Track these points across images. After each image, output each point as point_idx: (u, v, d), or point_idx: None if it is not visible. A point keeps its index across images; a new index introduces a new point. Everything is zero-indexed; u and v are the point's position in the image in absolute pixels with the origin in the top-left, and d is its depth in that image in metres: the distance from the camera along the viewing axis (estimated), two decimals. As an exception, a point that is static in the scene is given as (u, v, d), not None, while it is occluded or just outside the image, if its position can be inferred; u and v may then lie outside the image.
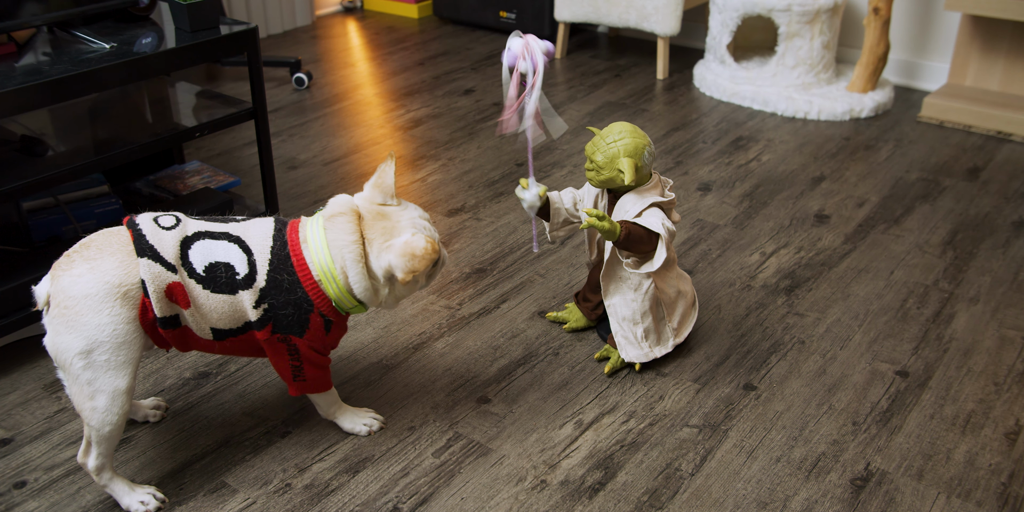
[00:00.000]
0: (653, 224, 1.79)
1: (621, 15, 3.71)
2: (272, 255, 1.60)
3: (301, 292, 1.60)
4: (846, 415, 1.90)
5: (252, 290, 1.58)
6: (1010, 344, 2.12)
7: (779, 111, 3.40)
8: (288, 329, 1.62)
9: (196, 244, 1.58)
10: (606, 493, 1.71)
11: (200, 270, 1.56)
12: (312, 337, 1.65)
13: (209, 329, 1.61)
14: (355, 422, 1.84)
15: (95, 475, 1.63)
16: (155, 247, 1.54)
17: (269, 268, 1.59)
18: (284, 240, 1.61)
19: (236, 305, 1.59)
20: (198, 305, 1.57)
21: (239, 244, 1.60)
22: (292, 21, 4.39)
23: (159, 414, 1.89)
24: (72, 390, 1.55)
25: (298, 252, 1.60)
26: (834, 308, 2.26)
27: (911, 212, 2.71)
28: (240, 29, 2.27)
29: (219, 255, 1.58)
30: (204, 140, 3.20)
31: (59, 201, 2.27)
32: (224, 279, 1.57)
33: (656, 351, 2.00)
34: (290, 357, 1.66)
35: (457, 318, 2.22)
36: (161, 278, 1.53)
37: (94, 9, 2.19)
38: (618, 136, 1.81)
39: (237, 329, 1.62)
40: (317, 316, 1.63)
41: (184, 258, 1.56)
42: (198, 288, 1.56)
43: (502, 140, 3.19)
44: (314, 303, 1.61)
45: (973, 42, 3.35)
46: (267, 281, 1.58)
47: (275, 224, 1.65)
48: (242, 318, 1.61)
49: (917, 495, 1.71)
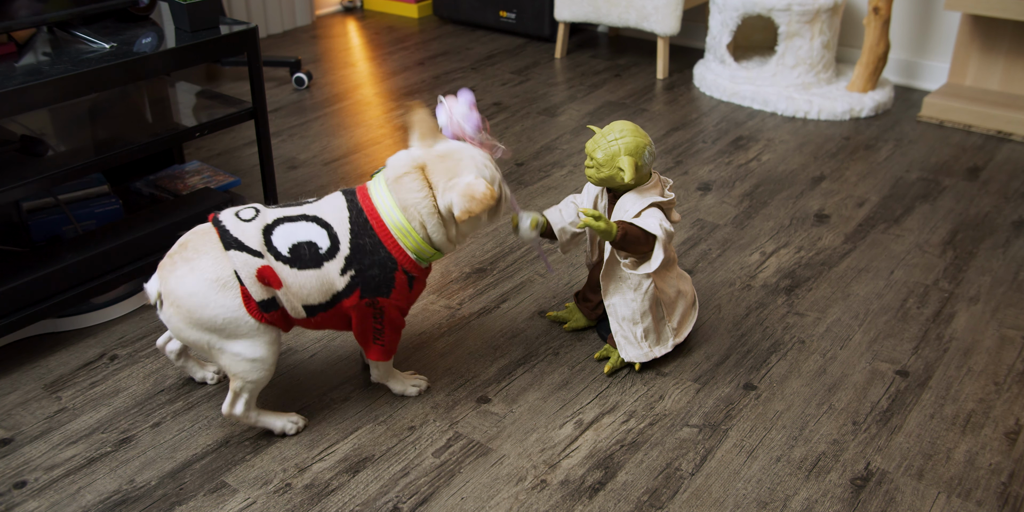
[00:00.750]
0: (650, 225, 1.79)
1: (621, 15, 3.71)
2: (351, 223, 1.71)
3: (384, 252, 1.71)
4: (846, 415, 1.90)
5: (337, 259, 1.69)
6: (1010, 344, 2.12)
7: (779, 111, 3.40)
8: (375, 291, 1.72)
9: (277, 229, 1.69)
10: (606, 493, 1.71)
11: (285, 252, 1.68)
12: (398, 295, 1.75)
13: (301, 307, 1.70)
14: (405, 385, 1.94)
15: (244, 419, 1.79)
16: (239, 238, 1.67)
17: (351, 236, 1.70)
18: (359, 208, 1.72)
19: (323, 278, 1.69)
20: (288, 284, 1.68)
21: (317, 221, 1.71)
22: (292, 21, 4.39)
23: (217, 377, 1.99)
24: (224, 362, 1.72)
25: (375, 215, 1.71)
26: (834, 308, 2.26)
27: (911, 212, 2.71)
28: (240, 29, 2.27)
29: (300, 235, 1.69)
30: (204, 140, 3.20)
31: (59, 201, 2.27)
32: (308, 256, 1.68)
33: (656, 351, 2.00)
34: (374, 320, 1.76)
35: (457, 318, 2.22)
36: (250, 264, 1.65)
37: (94, 9, 2.19)
38: (619, 134, 1.81)
39: (327, 303, 1.72)
40: (401, 274, 1.73)
41: (268, 244, 1.68)
42: (286, 269, 1.67)
43: (502, 139, 3.18)
44: (397, 261, 1.72)
45: (973, 42, 3.35)
46: (351, 247, 1.70)
47: (346, 196, 1.76)
48: (330, 290, 1.70)
49: (917, 495, 1.71)
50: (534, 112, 3.42)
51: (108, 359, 2.07)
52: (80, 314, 2.17)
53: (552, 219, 1.99)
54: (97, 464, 1.77)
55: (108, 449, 1.81)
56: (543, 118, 3.37)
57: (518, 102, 3.51)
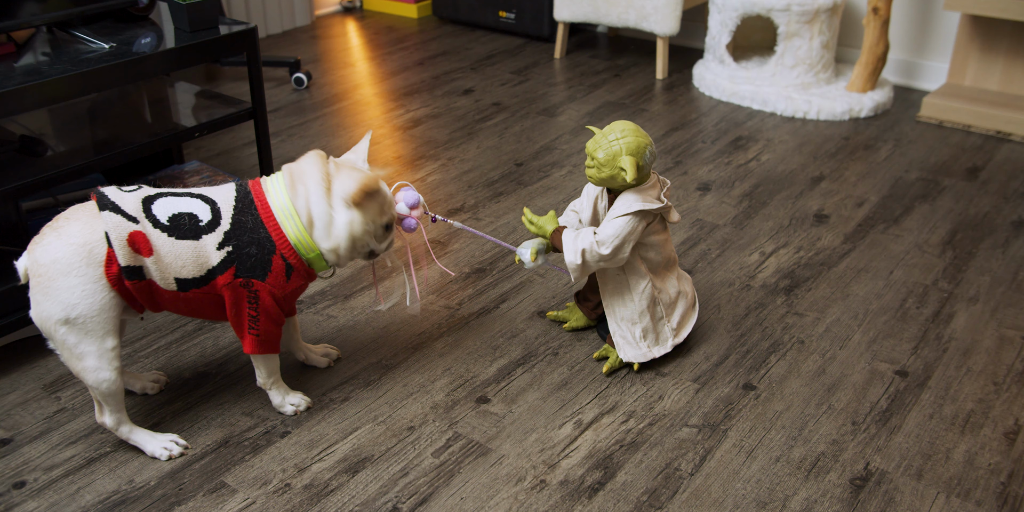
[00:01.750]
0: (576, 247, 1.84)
1: (620, 15, 3.71)
2: (236, 201, 1.71)
3: (264, 232, 1.69)
4: (845, 415, 1.90)
5: (216, 233, 1.67)
6: (1009, 344, 2.12)
7: (778, 111, 3.40)
8: (251, 272, 1.69)
9: (159, 200, 1.68)
10: (605, 493, 1.71)
11: (164, 220, 1.65)
12: (274, 281, 1.71)
13: (173, 279, 1.67)
14: (284, 400, 1.89)
15: (115, 431, 1.75)
16: (116, 202, 1.64)
17: (233, 212, 1.69)
18: (246, 190, 1.73)
19: (199, 250, 1.66)
20: (161, 254, 1.64)
21: (201, 198, 1.71)
22: (291, 21, 4.38)
23: (157, 387, 1.96)
24: (63, 355, 1.66)
25: (261, 197, 1.71)
26: (833, 308, 2.26)
27: (910, 212, 2.71)
28: (239, 29, 2.27)
29: (182, 207, 1.68)
30: (203, 140, 3.20)
31: (58, 201, 2.27)
32: (188, 226, 1.66)
33: (655, 351, 2.00)
34: (249, 305, 1.71)
35: (456, 318, 2.22)
36: (122, 227, 1.62)
37: (93, 9, 2.19)
38: (620, 134, 1.81)
39: (200, 278, 1.68)
40: (279, 259, 1.71)
41: (147, 211, 1.66)
42: (163, 237, 1.65)
43: (501, 139, 3.19)
44: (276, 244, 1.70)
45: (972, 42, 3.35)
46: (232, 223, 1.68)
47: (235, 181, 1.77)
48: (205, 264, 1.68)
49: (916, 495, 1.71)
50: (533, 112, 3.42)
51: (107, 359, 2.07)
52: (79, 314, 2.17)
53: (571, 223, 2.00)
54: (96, 464, 1.77)
55: (107, 449, 1.81)
56: (542, 118, 3.37)
57: (517, 102, 3.51)
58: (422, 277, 2.36)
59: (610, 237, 1.81)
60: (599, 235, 1.82)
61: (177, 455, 1.78)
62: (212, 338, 2.15)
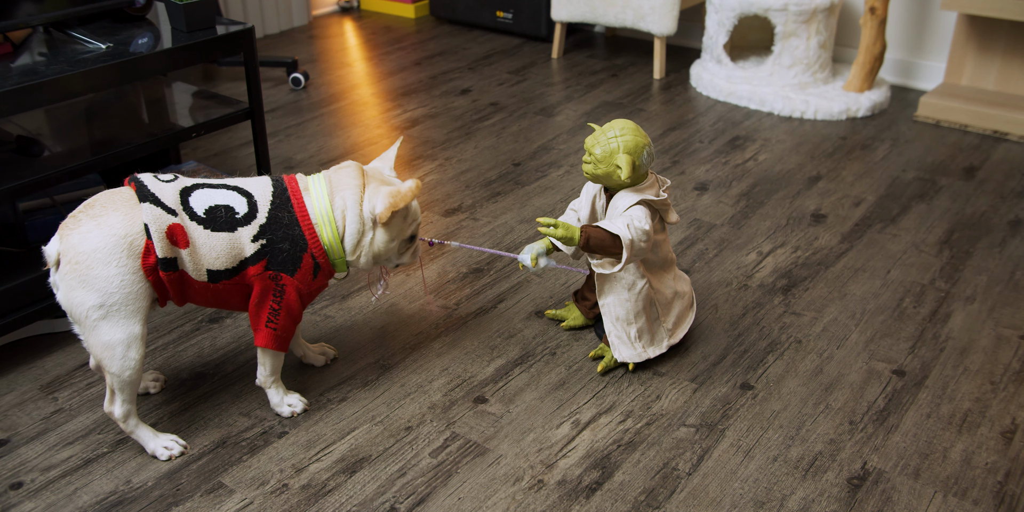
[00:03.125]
0: (618, 226, 1.79)
1: (618, 15, 3.72)
2: (273, 196, 1.73)
3: (298, 230, 1.72)
4: (843, 414, 1.90)
5: (252, 226, 1.70)
6: (1006, 343, 2.12)
7: (776, 111, 3.40)
8: (281, 266, 1.72)
9: (196, 192, 1.71)
10: (603, 493, 1.71)
11: (201, 212, 1.68)
12: (302, 278, 1.74)
13: (205, 270, 1.69)
14: (283, 400, 1.90)
15: (121, 423, 1.75)
16: (156, 194, 1.66)
17: (270, 207, 1.72)
18: (283, 187, 1.75)
19: (235, 242, 1.69)
20: (197, 245, 1.67)
21: (238, 191, 1.73)
22: (289, 21, 4.38)
23: (158, 385, 1.97)
24: (90, 341, 1.67)
25: (298, 196, 1.74)
26: (831, 307, 2.26)
27: (907, 211, 2.71)
28: (236, 29, 2.27)
29: (219, 199, 1.70)
30: (201, 140, 3.20)
31: (55, 201, 2.27)
32: (224, 218, 1.69)
33: (650, 351, 2.00)
34: (274, 298, 1.74)
35: (454, 318, 2.22)
36: (162, 220, 1.64)
37: (90, 9, 2.19)
38: (619, 132, 1.81)
39: (232, 269, 1.71)
40: (309, 257, 1.73)
41: (185, 203, 1.68)
42: (199, 229, 1.67)
43: (499, 139, 3.19)
44: (308, 243, 1.73)
45: (969, 41, 3.35)
46: (268, 217, 1.71)
47: (272, 177, 1.78)
48: (239, 256, 1.70)
49: (914, 494, 1.71)
50: (531, 112, 3.42)
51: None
52: (77, 315, 2.17)
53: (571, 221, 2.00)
54: (94, 465, 1.77)
55: (105, 450, 1.81)
56: (540, 118, 3.37)
57: (515, 102, 3.51)
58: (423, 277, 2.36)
59: (641, 217, 1.81)
60: (632, 216, 1.81)
61: (177, 455, 1.79)
62: (209, 339, 2.15)
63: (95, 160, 2.10)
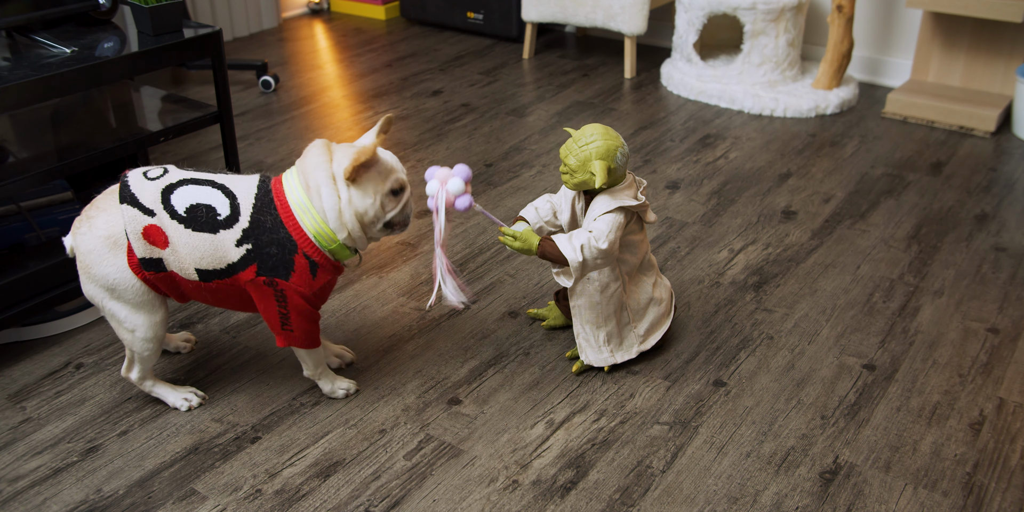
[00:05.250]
0: (572, 246, 1.79)
1: (588, 15, 3.73)
2: (256, 199, 1.72)
3: (284, 232, 1.70)
4: (814, 409, 1.92)
5: (234, 230, 1.69)
6: (974, 336, 2.15)
7: (746, 109, 3.43)
8: (273, 271, 1.70)
9: (179, 189, 1.71)
10: (578, 492, 1.71)
11: (181, 211, 1.69)
12: (299, 280, 1.72)
13: (193, 270, 1.71)
14: (335, 386, 1.93)
15: (139, 384, 1.88)
16: (135, 194, 1.70)
17: (252, 210, 1.70)
18: (267, 187, 1.74)
19: (217, 244, 1.69)
20: (177, 246, 1.69)
21: (222, 190, 1.72)
22: (258, 23, 4.36)
23: (189, 346, 2.07)
24: (113, 326, 1.80)
25: (281, 196, 1.72)
26: (802, 303, 2.28)
27: (876, 207, 2.74)
28: (204, 32, 2.26)
29: (201, 198, 1.70)
30: (170, 144, 3.17)
31: (21, 208, 2.24)
32: (205, 219, 1.69)
33: (617, 356, 2.00)
34: (277, 303, 1.74)
35: (427, 320, 2.22)
36: (137, 221, 1.69)
37: (54, 13, 2.16)
38: (590, 138, 1.81)
39: (222, 270, 1.71)
40: (302, 258, 1.71)
41: (166, 202, 1.69)
42: (179, 228, 1.68)
43: (471, 140, 3.19)
44: (297, 244, 1.70)
45: (934, 39, 3.39)
46: (250, 221, 1.70)
47: (260, 176, 1.78)
48: (224, 259, 1.70)
49: (885, 487, 1.73)
50: (503, 113, 3.42)
51: (74, 367, 2.05)
52: (45, 322, 2.14)
53: (529, 217, 1.98)
54: (63, 474, 1.75)
55: (74, 459, 1.79)
56: (512, 119, 3.37)
57: (486, 103, 3.51)
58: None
59: (603, 232, 1.81)
60: (593, 232, 1.81)
61: (196, 405, 1.90)
62: (181, 344, 2.13)
63: (61, 165, 2.08)
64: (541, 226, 1.98)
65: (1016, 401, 1.94)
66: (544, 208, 1.98)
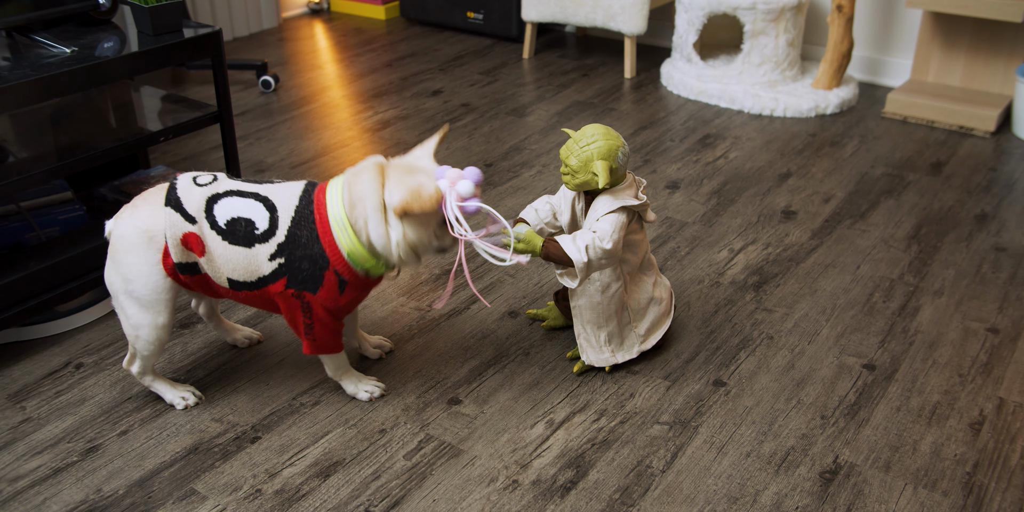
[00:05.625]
0: (577, 247, 1.79)
1: (588, 15, 3.73)
2: (296, 212, 1.71)
3: (318, 248, 1.69)
4: (814, 409, 1.92)
5: (269, 244, 1.69)
6: (973, 336, 2.15)
7: (745, 109, 3.43)
8: (302, 284, 1.71)
9: (223, 200, 1.72)
10: (578, 492, 1.71)
11: (222, 223, 1.70)
12: (326, 295, 1.72)
13: (225, 278, 1.73)
14: (358, 387, 1.93)
15: (139, 378, 1.88)
16: (181, 199, 1.71)
17: (291, 224, 1.70)
18: (310, 199, 1.72)
19: (251, 258, 1.70)
20: (213, 255, 1.70)
21: (265, 203, 1.72)
22: (258, 23, 4.36)
23: (247, 342, 2.09)
24: (121, 319, 1.80)
25: (322, 209, 1.70)
26: (802, 303, 2.28)
27: (876, 207, 2.74)
28: (204, 32, 2.26)
29: (242, 211, 1.70)
30: (170, 144, 3.17)
31: (21, 208, 2.24)
32: (243, 233, 1.69)
33: (618, 356, 2.00)
34: (303, 314, 1.75)
35: (427, 320, 2.22)
36: (178, 227, 1.70)
37: (54, 13, 2.17)
38: (591, 139, 1.81)
39: (252, 283, 1.73)
40: (332, 274, 1.71)
41: (208, 211, 1.70)
42: (217, 239, 1.70)
43: (471, 140, 3.19)
44: (330, 260, 1.70)
45: (934, 38, 3.39)
46: (287, 236, 1.69)
47: (305, 185, 1.76)
48: (256, 272, 1.71)
49: (885, 486, 1.73)
50: (502, 113, 3.42)
51: (74, 367, 2.05)
52: (45, 322, 2.14)
53: (529, 219, 1.98)
54: (63, 474, 1.75)
55: (74, 458, 1.79)
56: (512, 118, 3.37)
57: (486, 103, 3.51)
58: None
59: (607, 232, 1.81)
60: (597, 232, 1.81)
61: (192, 405, 1.90)
62: (181, 344, 2.13)
63: (61, 165, 2.08)
64: (541, 228, 1.98)
65: (1016, 401, 1.94)
66: (544, 210, 1.98)
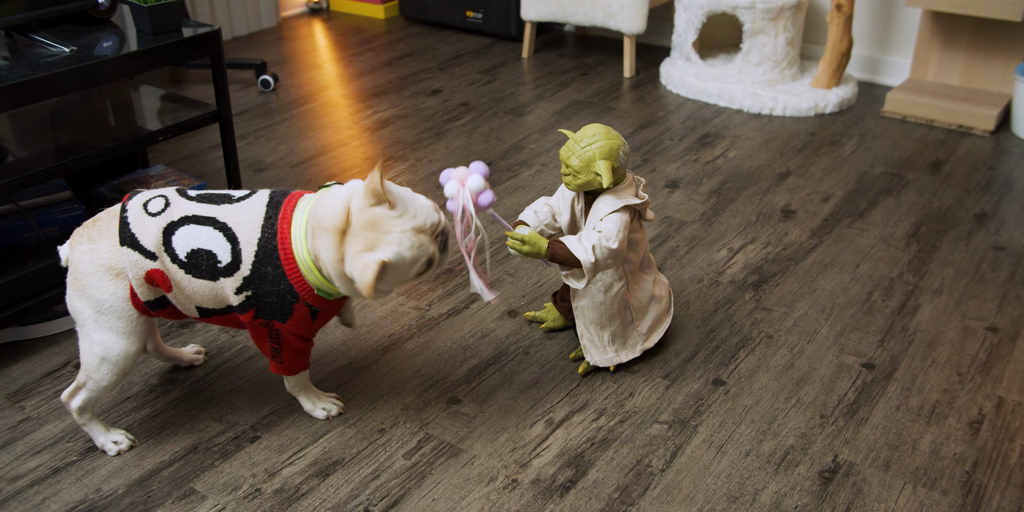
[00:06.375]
0: (584, 247, 1.78)
1: (587, 14, 3.72)
2: (259, 247, 1.61)
3: (286, 284, 1.63)
4: (814, 408, 1.92)
5: (234, 278, 1.63)
6: (973, 335, 2.15)
7: (745, 108, 3.43)
8: (271, 316, 1.67)
9: (180, 230, 1.63)
10: (577, 491, 1.71)
11: (182, 256, 1.63)
12: (296, 324, 1.69)
13: (194, 308, 1.69)
14: (315, 405, 1.89)
15: (76, 415, 1.77)
16: (136, 235, 1.64)
17: (255, 259, 1.61)
18: (274, 231, 1.62)
19: (217, 291, 1.65)
20: (180, 288, 1.65)
21: (224, 232, 1.62)
22: (257, 23, 4.35)
23: (201, 358, 2.05)
24: (83, 345, 1.71)
25: (287, 246, 1.61)
26: (801, 302, 2.28)
27: (875, 206, 2.74)
28: (203, 31, 2.25)
29: (202, 242, 1.62)
30: (169, 144, 3.17)
31: (20, 207, 2.24)
32: (205, 266, 1.63)
33: (622, 355, 2.00)
34: (271, 340, 1.72)
35: (426, 319, 2.22)
36: (140, 266, 1.64)
37: (53, 12, 2.16)
38: (592, 139, 1.80)
39: (221, 309, 1.69)
40: (303, 306, 1.66)
41: (167, 244, 1.63)
42: (180, 273, 1.64)
43: (470, 139, 3.19)
44: (300, 295, 1.65)
45: (934, 37, 3.39)
46: (251, 271, 1.62)
47: (268, 207, 1.64)
48: (224, 301, 1.67)
49: (884, 485, 1.73)
50: (502, 112, 3.42)
51: (73, 367, 2.05)
52: (44, 322, 2.14)
53: (528, 221, 1.98)
54: (62, 473, 1.75)
55: (74, 458, 1.79)
56: (511, 118, 3.37)
57: (486, 102, 3.51)
58: None
59: (612, 232, 1.80)
60: (603, 232, 1.81)
61: (125, 449, 1.80)
62: (180, 344, 2.13)
63: (61, 165, 2.07)
64: (541, 230, 1.98)
65: (1015, 400, 1.94)
66: (543, 211, 1.98)
